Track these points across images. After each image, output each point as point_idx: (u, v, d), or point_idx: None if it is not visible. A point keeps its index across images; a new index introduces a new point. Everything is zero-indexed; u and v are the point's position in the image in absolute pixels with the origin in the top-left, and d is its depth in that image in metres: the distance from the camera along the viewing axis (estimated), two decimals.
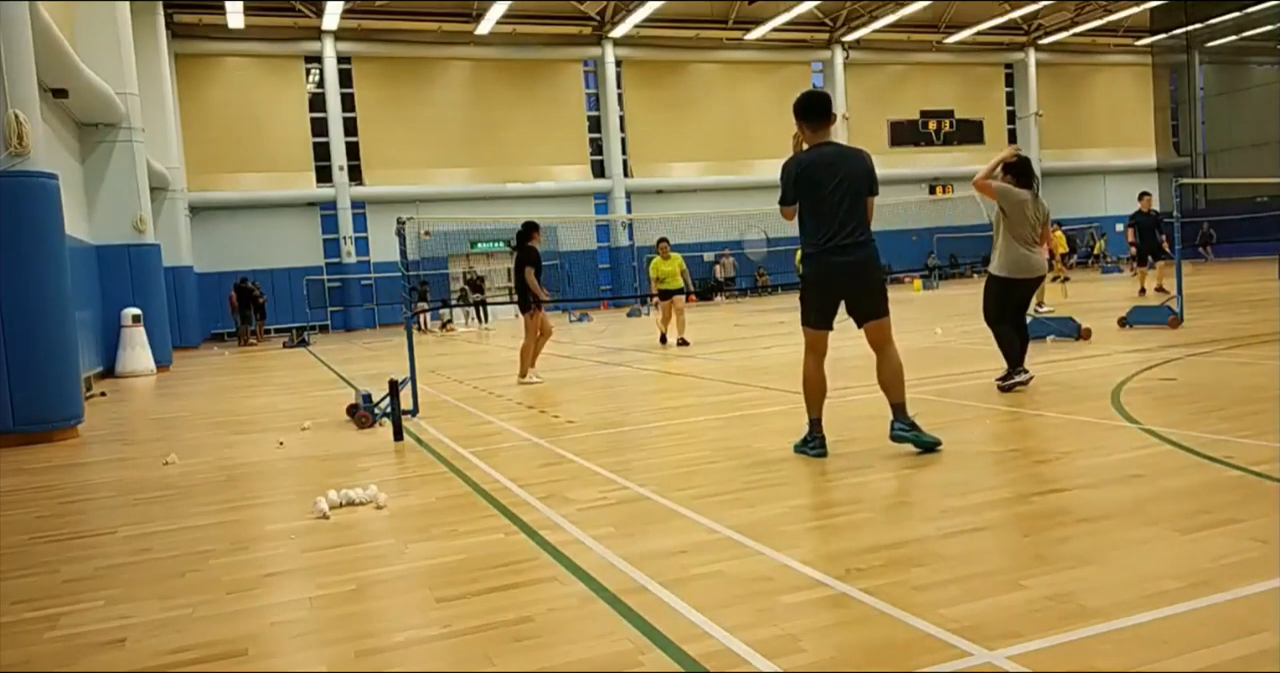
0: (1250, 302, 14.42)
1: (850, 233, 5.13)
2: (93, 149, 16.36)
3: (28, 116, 8.50)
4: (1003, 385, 7.25)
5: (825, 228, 5.13)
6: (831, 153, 5.19)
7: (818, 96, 5.27)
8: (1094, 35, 38.74)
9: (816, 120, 5.22)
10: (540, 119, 32.58)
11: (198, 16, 27.66)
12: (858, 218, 5.16)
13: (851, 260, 5.15)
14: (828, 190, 5.10)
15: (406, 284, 9.31)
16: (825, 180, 5.11)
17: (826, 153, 5.18)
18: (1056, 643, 2.61)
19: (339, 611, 3.35)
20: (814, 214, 5.16)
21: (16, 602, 3.66)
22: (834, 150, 5.22)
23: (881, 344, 5.29)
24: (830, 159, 5.16)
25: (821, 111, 5.21)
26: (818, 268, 5.22)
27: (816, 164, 5.16)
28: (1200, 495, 4.04)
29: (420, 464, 6.03)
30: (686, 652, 2.72)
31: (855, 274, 5.18)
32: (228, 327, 27.61)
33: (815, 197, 5.13)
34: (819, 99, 5.25)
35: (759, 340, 14.27)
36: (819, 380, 5.36)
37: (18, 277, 8.22)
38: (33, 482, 6.44)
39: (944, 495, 4.31)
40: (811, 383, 5.36)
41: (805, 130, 5.25)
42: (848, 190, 5.13)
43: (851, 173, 5.16)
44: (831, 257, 5.14)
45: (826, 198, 5.10)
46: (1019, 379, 7.22)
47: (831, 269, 5.18)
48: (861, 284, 5.21)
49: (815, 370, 5.36)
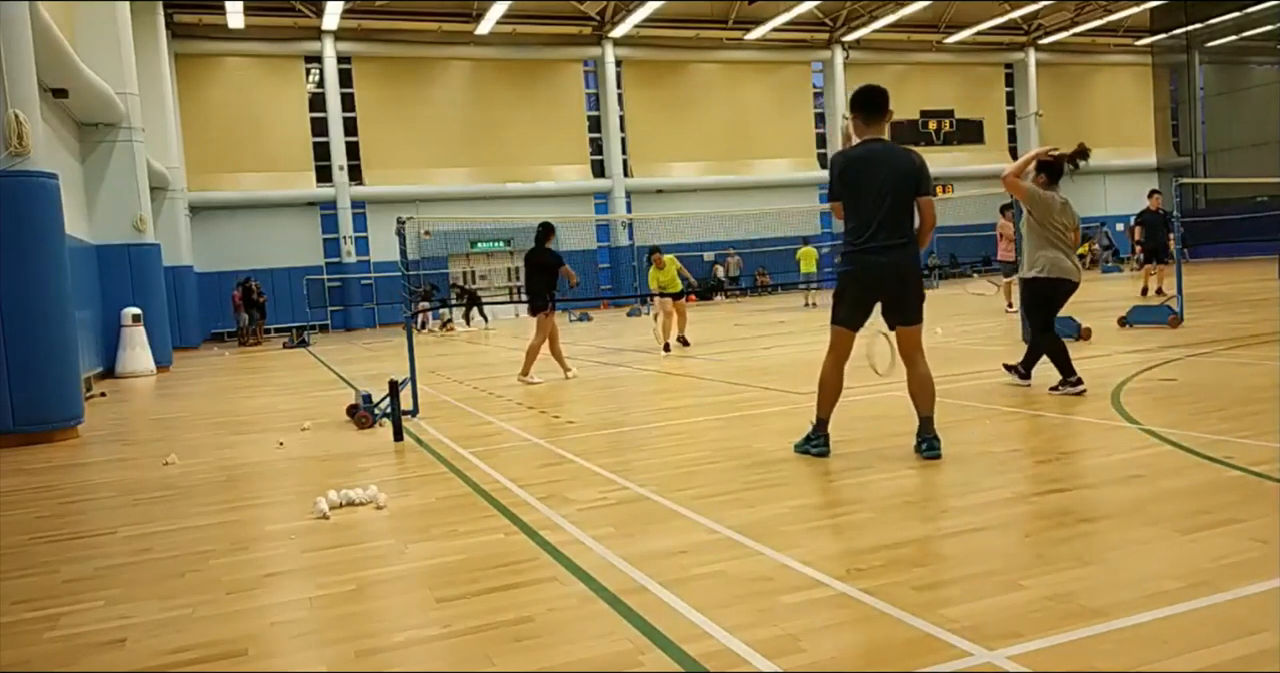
0: (1250, 302, 14.41)
1: (891, 233, 4.99)
2: (93, 149, 16.36)
3: (28, 116, 8.50)
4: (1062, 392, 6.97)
5: (865, 226, 5.01)
6: (880, 150, 5.06)
7: (875, 91, 5.11)
8: (1094, 35, 38.73)
9: (871, 114, 5.08)
10: (540, 119, 32.58)
11: (198, 16, 27.66)
12: (900, 218, 5.01)
13: (890, 261, 5.02)
14: (871, 188, 4.98)
15: (407, 285, 9.31)
16: (869, 177, 4.99)
17: (875, 149, 5.06)
18: (1056, 643, 2.61)
19: (339, 611, 3.35)
20: (855, 211, 5.06)
21: (16, 602, 3.66)
22: (882, 148, 5.07)
23: (911, 352, 5.19)
24: (878, 156, 5.03)
25: (877, 106, 5.07)
26: (856, 267, 5.10)
27: (863, 160, 5.04)
28: (1200, 495, 4.04)
29: (420, 464, 6.03)
30: (686, 652, 2.72)
31: (893, 276, 5.06)
32: (228, 327, 27.64)
33: (858, 194, 5.02)
34: (876, 94, 5.09)
35: (759, 340, 14.27)
36: (836, 381, 5.28)
37: (18, 277, 8.22)
38: (33, 482, 6.44)
39: (944, 495, 4.32)
40: (828, 383, 5.29)
41: (858, 123, 5.14)
42: (892, 189, 4.99)
43: (898, 171, 5.01)
44: (870, 256, 5.02)
45: (869, 195, 4.99)
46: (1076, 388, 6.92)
47: (869, 269, 5.06)
48: (899, 287, 5.09)
49: (834, 370, 5.27)
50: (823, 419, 5.32)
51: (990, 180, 35.96)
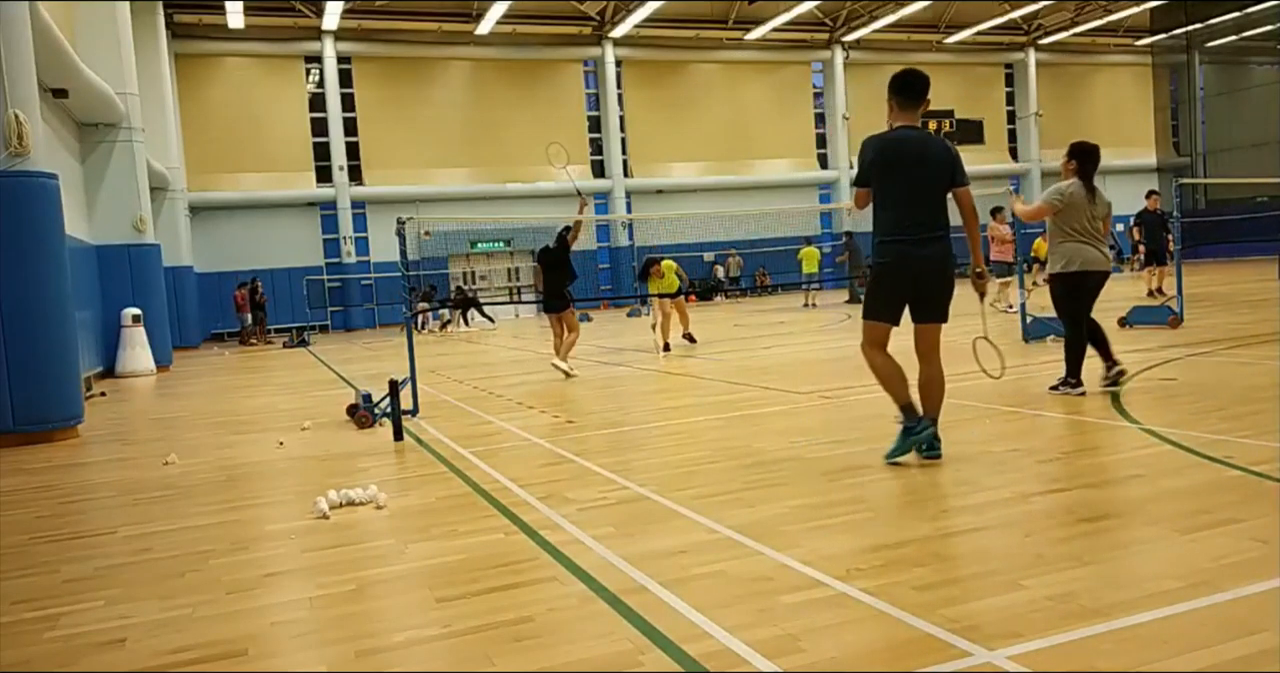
0: (1250, 302, 14.41)
1: (930, 225, 4.81)
2: (93, 149, 16.36)
3: (28, 116, 8.50)
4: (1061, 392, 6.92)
5: (902, 216, 4.81)
6: (915, 137, 4.89)
7: (915, 76, 4.95)
8: (1094, 35, 38.73)
9: (908, 99, 4.92)
10: (540, 119, 32.55)
11: (198, 16, 27.65)
12: (937, 209, 4.83)
13: (929, 254, 4.84)
14: (907, 176, 4.80)
15: (407, 285, 9.31)
16: (904, 165, 4.81)
17: (910, 136, 4.89)
18: (1056, 643, 2.61)
19: (339, 611, 3.35)
20: (891, 200, 4.84)
21: (16, 602, 3.66)
22: (918, 135, 4.91)
23: (930, 351, 5.04)
24: (913, 144, 4.86)
25: (916, 91, 4.91)
26: (894, 258, 4.87)
27: (897, 146, 4.86)
28: (1200, 495, 4.04)
29: (420, 464, 6.03)
30: (686, 652, 2.72)
31: (930, 270, 4.87)
32: (228, 326, 27.64)
33: (894, 181, 4.82)
34: (916, 78, 4.93)
35: (759, 340, 14.27)
36: (891, 366, 5.04)
37: (18, 277, 8.22)
38: (33, 482, 6.44)
39: (944, 495, 4.32)
40: (885, 371, 5.03)
41: (894, 108, 4.97)
42: (930, 178, 4.82)
43: (935, 160, 4.85)
44: (909, 248, 4.82)
45: (906, 184, 4.80)
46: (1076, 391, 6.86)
47: (908, 261, 4.84)
48: (933, 282, 4.89)
49: (884, 360, 5.04)
50: (906, 406, 5.02)
51: (990, 180, 36.07)
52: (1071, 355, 6.97)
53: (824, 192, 36.33)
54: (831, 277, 33.23)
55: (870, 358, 5.09)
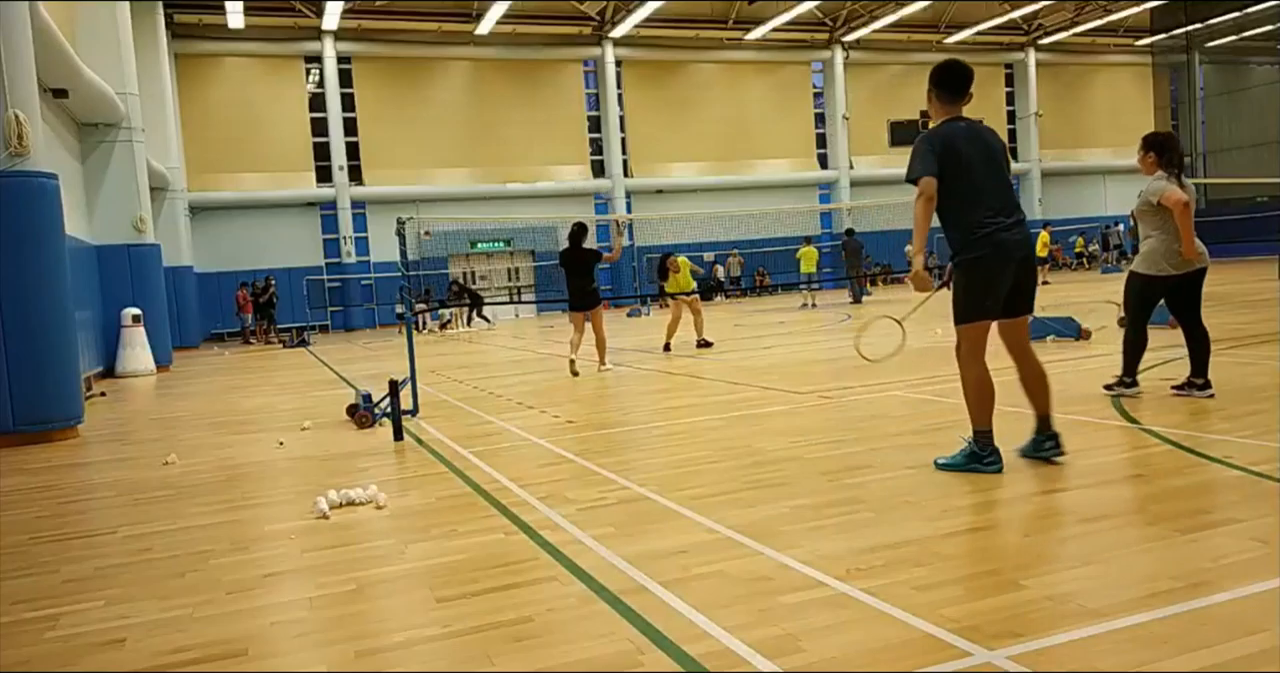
0: (1250, 302, 14.41)
1: (1013, 210, 4.67)
2: (93, 149, 16.36)
3: (28, 116, 8.50)
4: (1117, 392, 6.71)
5: (985, 205, 4.63)
6: (970, 127, 4.76)
7: (960, 69, 4.78)
8: (1094, 35, 38.74)
9: (953, 93, 4.77)
10: (540, 119, 32.58)
11: (198, 16, 27.65)
12: (1012, 196, 4.74)
13: (1021, 238, 4.65)
14: (978, 166, 4.65)
15: (407, 285, 9.31)
16: (973, 155, 4.66)
17: (966, 127, 4.75)
18: (1056, 643, 2.61)
19: (339, 611, 3.35)
20: (972, 190, 4.63)
21: (16, 602, 3.66)
22: (970, 125, 4.78)
23: (1025, 345, 4.80)
24: (973, 133, 4.74)
25: (961, 83, 4.77)
26: (991, 249, 4.58)
27: (962, 137, 4.69)
28: (1200, 495, 4.04)
29: (420, 464, 6.03)
30: (686, 652, 2.72)
31: (1025, 253, 4.69)
32: (228, 327, 27.66)
33: (971, 171, 4.63)
34: (961, 72, 4.77)
35: (759, 340, 14.27)
36: (990, 386, 4.70)
37: (18, 277, 8.22)
38: (33, 482, 6.44)
39: (944, 495, 4.32)
40: (984, 390, 4.69)
41: (936, 103, 4.81)
42: (998, 166, 4.72)
43: (998, 149, 4.78)
44: (1003, 234, 4.58)
45: (981, 172, 4.64)
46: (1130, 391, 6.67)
47: (1006, 249, 4.59)
48: (1027, 266, 4.71)
49: (984, 374, 4.70)
50: (985, 430, 4.72)
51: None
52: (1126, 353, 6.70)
53: (824, 192, 36.35)
54: (831, 276, 33.27)
55: (973, 369, 4.71)
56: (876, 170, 36.85)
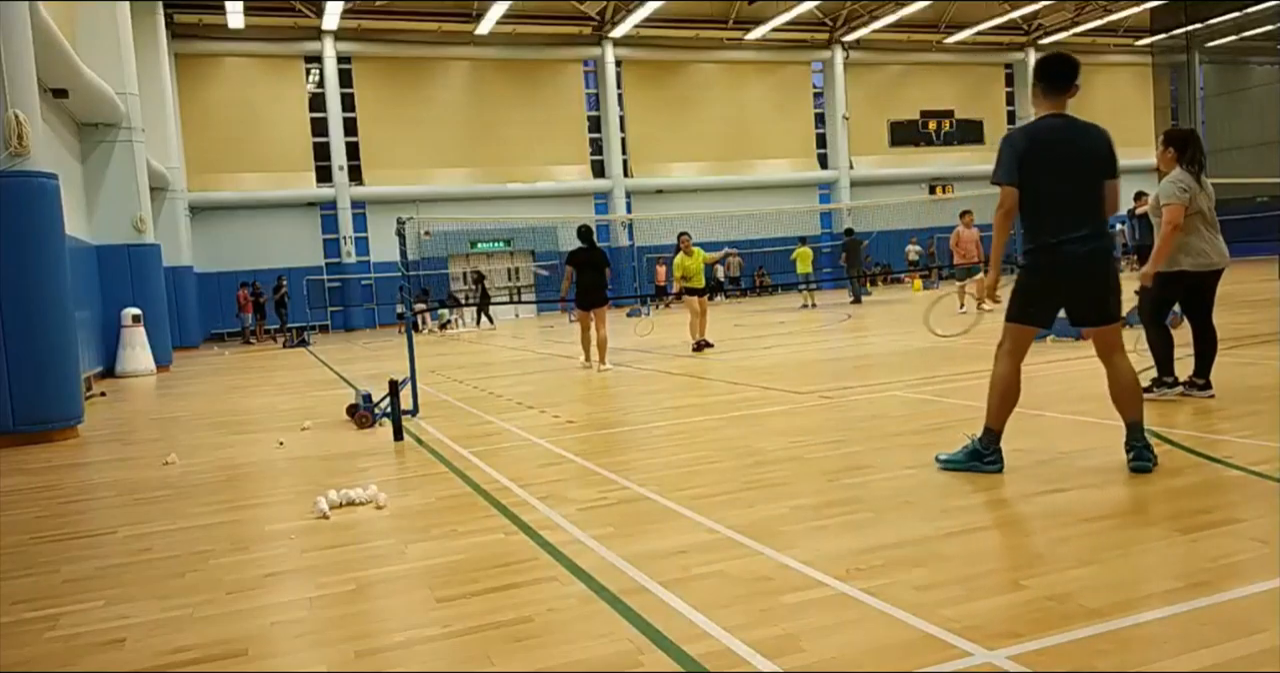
0: (1250, 302, 14.41)
1: (1090, 221, 4.44)
2: (93, 149, 16.36)
3: (28, 116, 8.50)
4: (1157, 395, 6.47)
5: (1056, 215, 4.43)
6: (1065, 126, 4.49)
7: (1065, 61, 4.51)
8: (1094, 35, 38.72)
9: (1055, 86, 4.50)
10: (540, 119, 32.57)
11: (198, 16, 27.65)
12: (1094, 204, 4.47)
13: (1089, 252, 4.43)
14: (1062, 170, 4.43)
15: (407, 285, 9.32)
16: (1058, 158, 4.44)
17: (1059, 126, 4.49)
18: (1056, 643, 2.61)
19: (339, 611, 3.35)
20: (1043, 197, 4.45)
21: (16, 602, 3.66)
22: (1067, 123, 4.50)
23: (1109, 352, 4.63)
24: (1065, 133, 4.47)
25: (1065, 77, 4.48)
26: (1047, 259, 4.47)
27: (1049, 138, 4.47)
28: (1200, 495, 4.04)
29: (420, 464, 6.03)
30: (686, 652, 2.72)
31: (1092, 271, 4.47)
32: (228, 327, 27.69)
33: (1046, 176, 4.43)
34: (1065, 64, 4.50)
35: (759, 340, 14.27)
36: (1017, 386, 4.67)
37: (18, 277, 8.21)
38: (33, 482, 6.44)
39: (944, 495, 4.31)
40: (1010, 389, 4.65)
41: (1039, 96, 4.57)
42: (1084, 171, 4.46)
43: (1091, 151, 4.47)
44: (1067, 248, 4.42)
45: (1058, 178, 4.42)
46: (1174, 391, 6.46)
47: (1067, 263, 4.44)
48: (1092, 282, 4.50)
49: (1015, 374, 4.65)
50: (995, 430, 4.69)
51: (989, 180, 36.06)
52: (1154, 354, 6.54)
53: (824, 192, 36.35)
54: (829, 276, 33.27)
55: (1003, 366, 4.67)
56: (876, 170, 36.86)
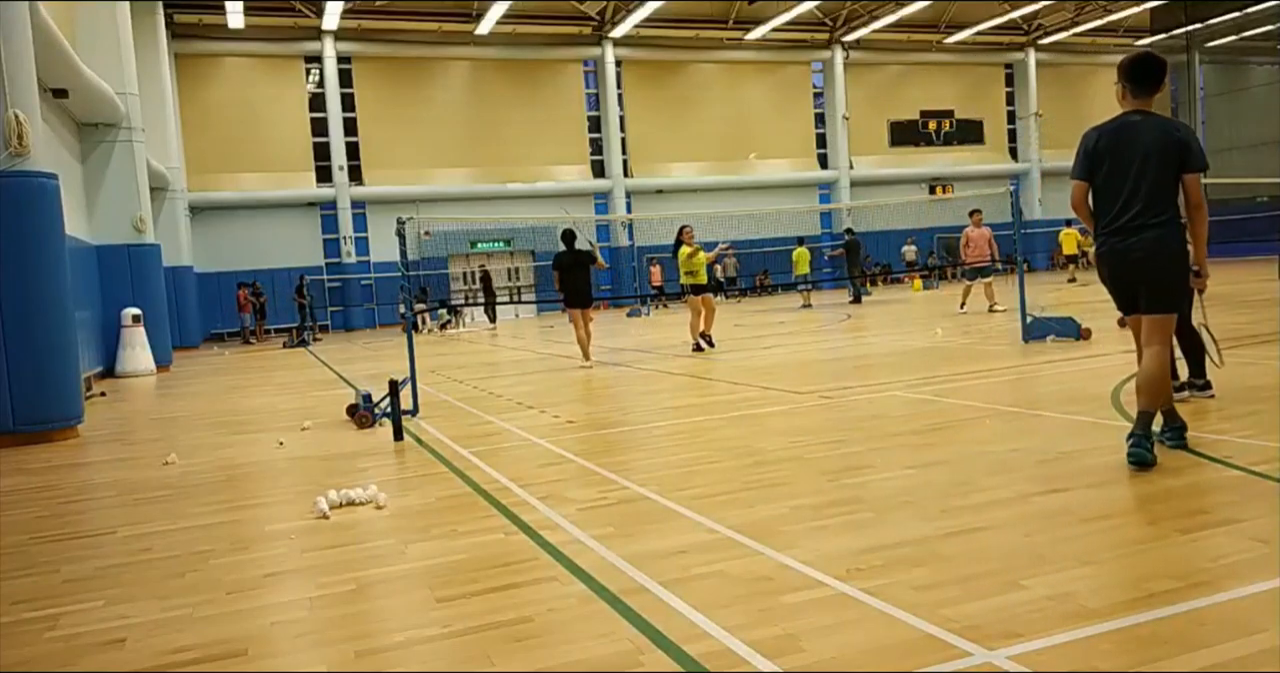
0: (1250, 302, 14.41)
1: (1140, 213, 4.54)
2: (93, 149, 16.36)
3: (28, 116, 8.50)
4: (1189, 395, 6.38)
5: (1111, 206, 4.65)
6: (1136, 122, 4.63)
7: (1153, 61, 4.69)
8: (1094, 35, 38.73)
9: (1140, 86, 4.66)
10: (540, 119, 32.57)
11: (198, 16, 27.65)
12: (1157, 195, 4.54)
13: (1139, 242, 4.55)
14: (1125, 161, 4.59)
15: (407, 285, 9.31)
16: (1123, 150, 4.61)
17: (1131, 121, 4.65)
18: (1056, 643, 2.61)
19: (339, 611, 3.35)
20: (1106, 188, 4.67)
21: (16, 602, 3.66)
22: (1140, 118, 4.64)
23: (1147, 341, 4.70)
24: (1134, 128, 4.62)
25: (1151, 79, 4.65)
26: (1104, 250, 4.72)
27: (1117, 132, 4.65)
28: (1200, 495, 4.04)
29: (420, 464, 6.03)
30: (686, 652, 2.72)
31: (1137, 260, 4.59)
32: (228, 327, 27.70)
33: (1109, 168, 4.64)
34: (1153, 65, 4.67)
35: (759, 340, 14.27)
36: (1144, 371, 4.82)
37: (18, 277, 8.22)
38: (33, 482, 6.44)
39: (944, 495, 4.31)
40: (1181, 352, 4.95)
41: (1123, 92, 4.73)
42: (1147, 164, 4.55)
43: (1158, 144, 4.54)
44: (1117, 237, 4.62)
45: (1121, 170, 4.60)
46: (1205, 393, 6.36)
47: (1116, 251, 4.64)
48: (1144, 272, 4.60)
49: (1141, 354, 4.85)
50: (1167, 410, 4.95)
51: (990, 180, 36.07)
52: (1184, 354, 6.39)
53: (824, 192, 36.35)
54: (828, 277, 33.27)
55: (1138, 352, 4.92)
56: (876, 170, 36.86)
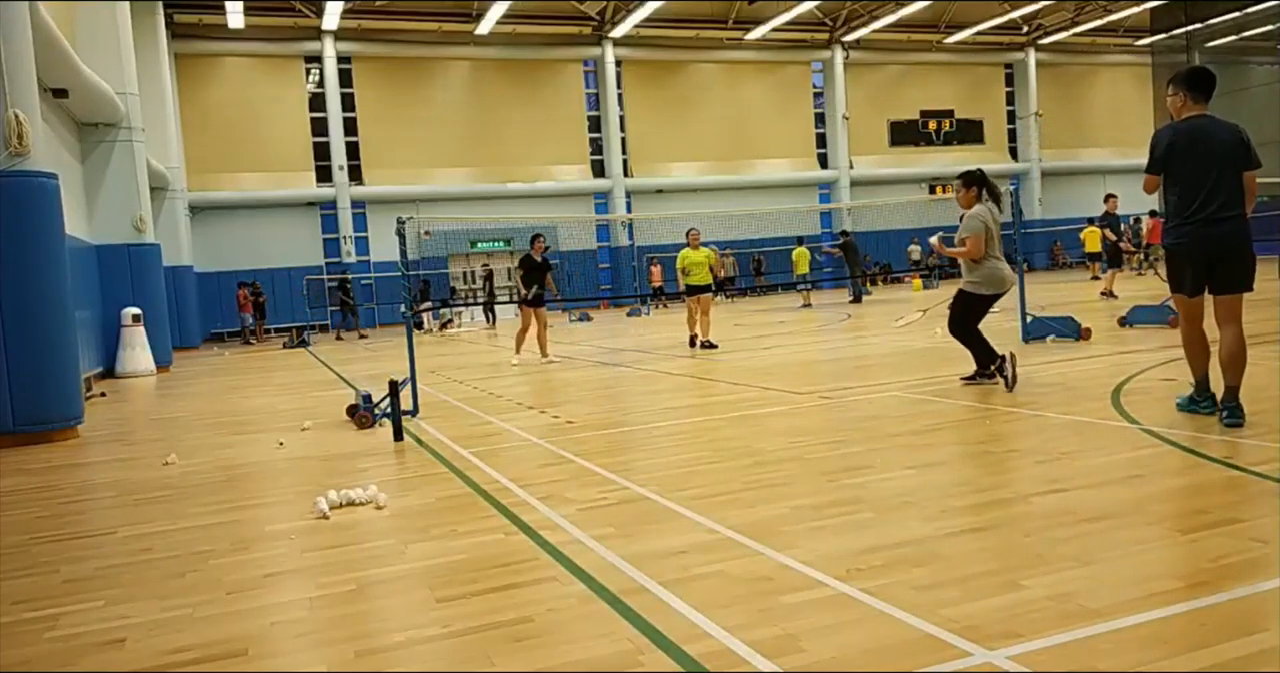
0: (1249, 302, 14.36)
1: (1221, 205, 5.18)
2: (93, 149, 16.36)
3: (28, 116, 8.50)
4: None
5: (1194, 198, 5.21)
6: (1205, 124, 5.28)
7: (1206, 74, 5.40)
8: (1094, 35, 38.73)
9: (1198, 92, 5.33)
10: (540, 119, 32.57)
11: (198, 16, 27.65)
12: (1228, 190, 5.19)
13: (1221, 233, 5.21)
14: (1200, 160, 5.19)
15: (408, 285, 9.31)
16: (1196, 150, 5.21)
17: (1201, 124, 5.28)
18: (1056, 643, 2.61)
19: (339, 611, 3.35)
20: (1184, 183, 5.25)
21: (16, 602, 3.66)
22: (1208, 122, 5.29)
23: (1226, 320, 5.41)
24: (1204, 130, 5.25)
25: (1207, 85, 5.34)
26: (1188, 238, 5.29)
27: (1190, 134, 5.25)
28: (1200, 495, 4.04)
29: (420, 464, 6.03)
30: (686, 652, 2.72)
31: (1222, 246, 5.24)
32: (228, 327, 27.71)
33: (1186, 166, 5.23)
34: (1207, 77, 5.39)
35: (759, 340, 14.26)
36: (1198, 342, 5.61)
37: (18, 277, 8.21)
38: (33, 482, 6.44)
39: (944, 495, 4.31)
40: (1192, 345, 5.62)
41: (1184, 100, 5.36)
42: (1218, 161, 5.19)
43: (1225, 144, 5.21)
44: (1200, 228, 5.22)
45: (1198, 168, 5.20)
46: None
47: (1200, 240, 5.25)
48: (1226, 256, 5.27)
49: (1192, 333, 5.59)
50: (1199, 380, 5.68)
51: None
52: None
53: (824, 192, 36.35)
54: (828, 277, 33.25)
55: (1184, 331, 5.67)
56: (876, 170, 36.86)
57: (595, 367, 12.17)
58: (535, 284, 12.72)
